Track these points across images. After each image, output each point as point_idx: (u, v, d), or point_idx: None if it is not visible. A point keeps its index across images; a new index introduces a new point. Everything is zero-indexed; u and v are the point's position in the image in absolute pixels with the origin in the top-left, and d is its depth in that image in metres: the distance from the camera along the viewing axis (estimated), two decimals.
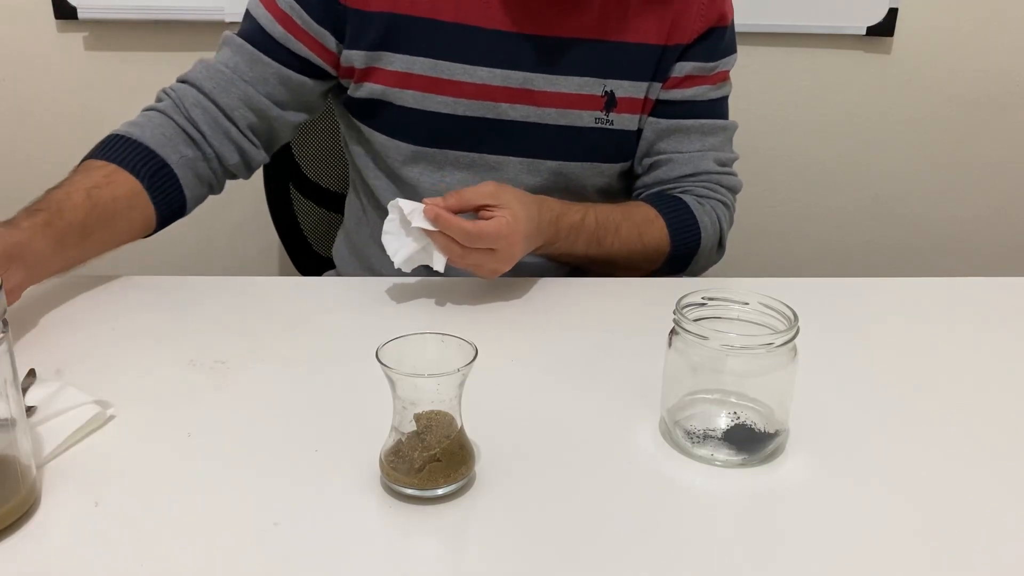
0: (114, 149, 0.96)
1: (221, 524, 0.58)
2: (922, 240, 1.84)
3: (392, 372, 0.59)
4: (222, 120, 1.01)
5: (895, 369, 0.82)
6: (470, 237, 0.88)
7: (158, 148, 0.97)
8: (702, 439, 0.66)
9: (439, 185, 1.06)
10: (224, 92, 1.01)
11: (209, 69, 1.02)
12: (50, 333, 0.82)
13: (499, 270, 0.92)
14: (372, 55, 1.01)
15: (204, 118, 1.01)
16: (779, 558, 0.57)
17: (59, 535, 0.56)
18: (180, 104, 1.01)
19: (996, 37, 1.68)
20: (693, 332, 0.64)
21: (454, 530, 0.58)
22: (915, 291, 1.02)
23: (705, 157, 1.11)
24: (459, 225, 0.87)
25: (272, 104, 1.03)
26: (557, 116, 1.05)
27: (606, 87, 1.05)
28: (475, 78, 1.02)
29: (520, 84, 1.03)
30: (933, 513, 0.61)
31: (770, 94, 1.71)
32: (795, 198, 1.79)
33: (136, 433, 0.67)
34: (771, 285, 0.99)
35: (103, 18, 1.57)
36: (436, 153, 1.05)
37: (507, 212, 0.90)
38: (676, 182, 1.11)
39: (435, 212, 0.87)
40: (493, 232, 0.89)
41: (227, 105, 1.01)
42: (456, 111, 1.03)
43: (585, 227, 1.01)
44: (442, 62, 1.01)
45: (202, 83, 1.01)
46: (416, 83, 1.02)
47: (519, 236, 0.91)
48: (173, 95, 1.02)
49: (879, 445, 0.69)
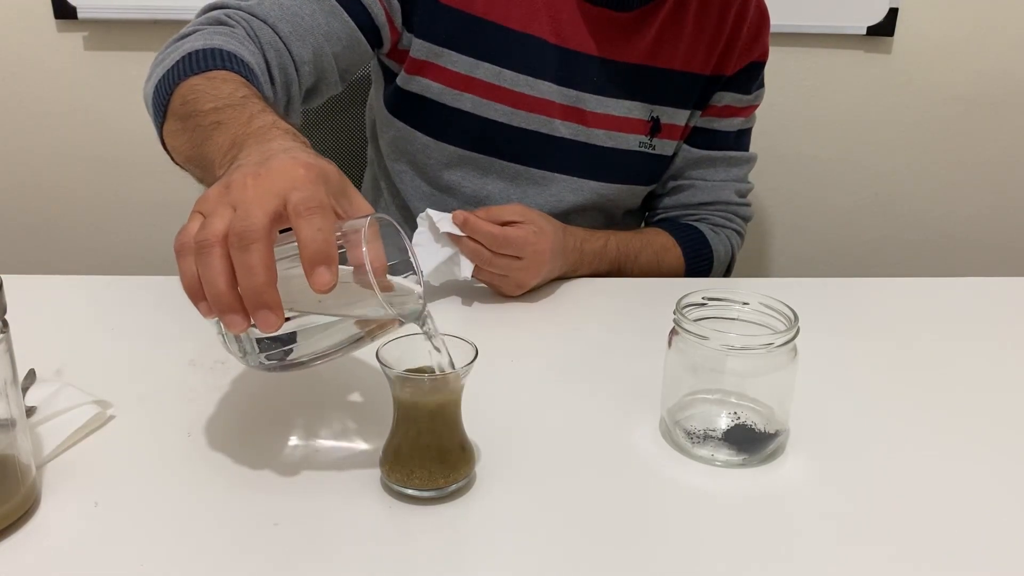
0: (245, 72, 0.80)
1: (221, 524, 0.58)
2: (922, 240, 1.84)
3: (392, 372, 0.59)
4: (291, 71, 0.90)
5: (895, 369, 0.82)
6: (497, 241, 0.87)
7: (259, 75, 0.84)
8: (702, 439, 0.66)
9: (480, 192, 1.06)
10: (300, 40, 0.90)
11: (284, 9, 0.91)
12: (50, 333, 0.82)
13: (524, 283, 0.91)
14: (435, 49, 0.98)
15: (277, 61, 0.89)
16: (779, 558, 0.57)
17: (59, 535, 0.56)
18: (255, 38, 0.88)
19: (996, 37, 1.68)
20: (693, 332, 0.64)
21: (454, 530, 0.58)
22: (915, 291, 1.02)
23: (727, 187, 1.14)
24: (487, 228, 0.87)
25: (335, 68, 0.94)
26: (604, 137, 1.06)
27: (653, 112, 1.07)
28: (536, 91, 1.01)
29: (573, 102, 1.03)
30: (933, 513, 0.61)
31: (770, 94, 1.70)
32: (795, 198, 1.79)
33: (136, 433, 0.67)
34: (771, 285, 0.99)
35: (103, 18, 1.57)
36: (482, 160, 1.04)
37: (534, 226, 0.90)
38: (696, 208, 1.14)
39: (464, 216, 0.86)
40: (520, 238, 0.88)
41: (299, 56, 0.91)
42: (512, 121, 1.02)
43: (607, 253, 1.03)
44: (506, 71, 1.00)
45: (278, 23, 0.90)
46: (478, 87, 1.00)
47: (546, 248, 0.91)
48: (246, 25, 0.89)
49: (879, 445, 0.69)
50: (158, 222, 1.69)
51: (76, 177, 1.67)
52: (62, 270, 0.96)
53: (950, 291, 1.02)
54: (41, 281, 0.92)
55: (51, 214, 1.69)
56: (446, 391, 0.60)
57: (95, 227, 1.71)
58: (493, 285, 0.92)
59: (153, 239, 1.71)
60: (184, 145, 0.74)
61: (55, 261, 1.71)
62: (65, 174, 1.67)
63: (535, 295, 0.95)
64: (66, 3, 1.55)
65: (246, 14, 0.89)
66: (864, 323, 0.92)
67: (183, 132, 0.74)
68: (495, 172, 1.05)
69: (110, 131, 1.64)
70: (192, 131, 0.71)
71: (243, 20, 0.89)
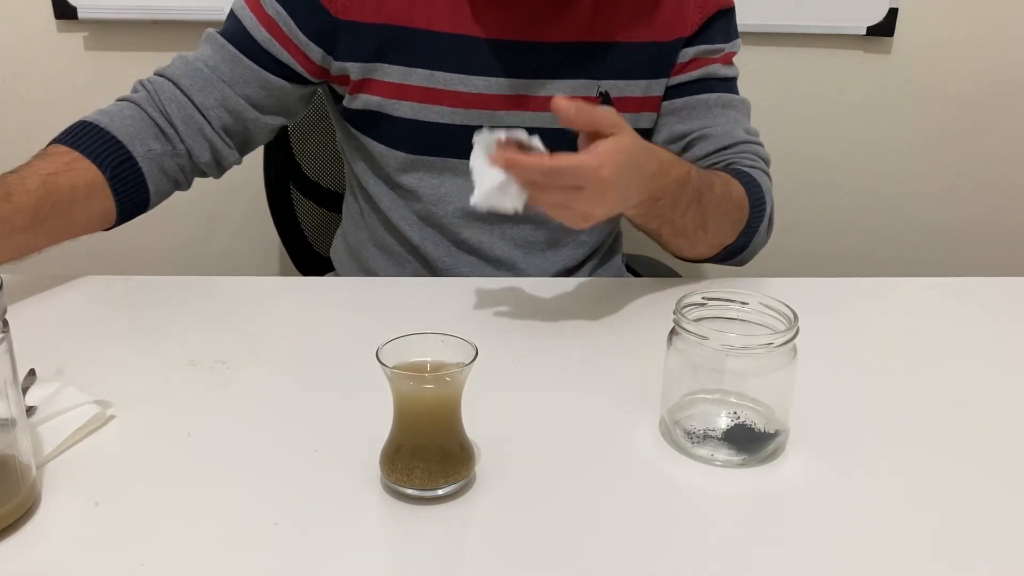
0: (79, 136, 0.95)
1: (221, 524, 0.58)
2: (922, 240, 1.84)
3: (392, 372, 0.59)
4: (197, 117, 1.00)
5: (895, 369, 0.82)
6: (548, 174, 0.79)
7: (125, 139, 0.96)
8: (702, 439, 0.66)
9: (438, 191, 1.06)
10: (201, 91, 1.00)
11: (188, 65, 1.01)
12: (50, 333, 0.82)
13: (591, 215, 0.81)
14: (368, 66, 1.01)
15: (179, 114, 0.99)
16: (779, 558, 0.57)
17: (59, 535, 0.56)
18: (155, 97, 1.00)
19: (996, 37, 1.68)
20: (693, 332, 0.64)
21: (454, 530, 0.58)
22: (915, 291, 1.02)
23: (736, 127, 1.08)
24: (534, 164, 0.77)
25: (249, 107, 1.02)
26: (552, 120, 1.03)
27: (600, 88, 1.05)
28: (471, 87, 1.01)
29: (515, 91, 1.03)
30: (933, 513, 0.61)
31: (770, 94, 1.71)
32: (795, 198, 1.79)
33: (136, 433, 0.67)
34: (771, 285, 0.99)
35: (103, 18, 1.57)
36: (435, 161, 1.05)
37: (609, 144, 0.80)
38: (715, 155, 1.07)
39: (505, 158, 0.78)
40: (576, 166, 0.78)
41: (203, 104, 1.00)
42: (453, 120, 1.02)
43: (691, 181, 0.92)
44: (438, 72, 1.01)
45: (180, 79, 1.00)
46: (412, 94, 1.01)
47: (610, 175, 0.79)
48: (149, 87, 1.01)
49: (879, 445, 0.69)
50: (158, 222, 1.68)
51: None
52: (62, 270, 0.96)
53: (950, 291, 1.02)
54: (41, 281, 0.92)
55: None
56: (446, 390, 0.60)
57: None
58: (554, 216, 0.83)
59: (153, 239, 1.71)
60: None
61: (55, 261, 1.71)
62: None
63: (535, 295, 0.95)
64: (66, 3, 1.55)
65: (155, 76, 1.02)
66: (864, 323, 0.92)
67: None
68: (450, 170, 1.05)
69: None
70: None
71: (149, 84, 1.01)
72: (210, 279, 0.95)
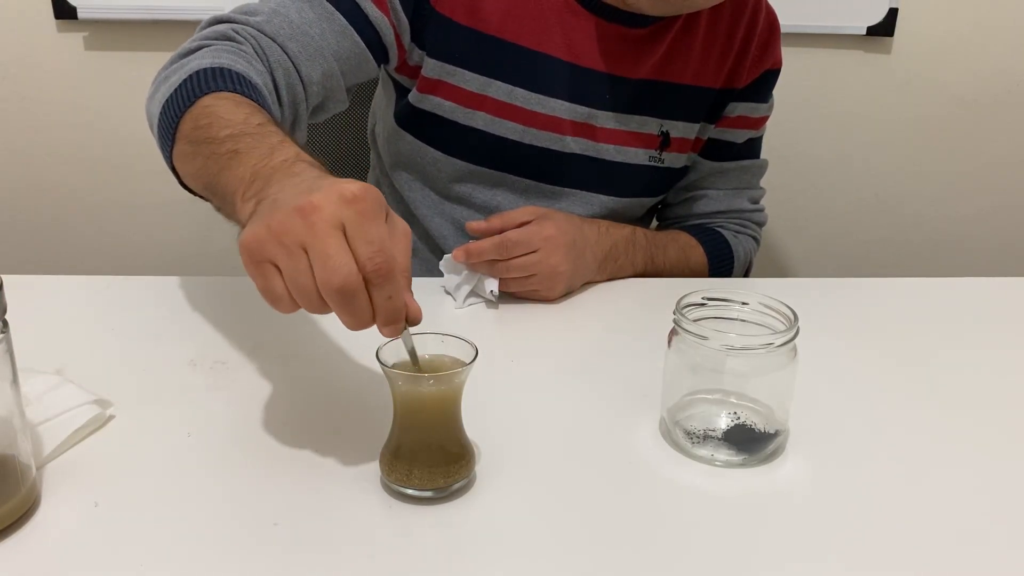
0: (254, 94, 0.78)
1: (221, 524, 0.58)
2: (922, 240, 1.84)
3: (392, 372, 0.59)
4: (299, 91, 0.88)
5: (895, 369, 0.82)
6: (503, 246, 0.88)
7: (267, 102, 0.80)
8: (702, 439, 0.66)
9: (491, 203, 1.06)
10: (310, 61, 0.88)
11: (292, 27, 0.88)
12: (50, 333, 0.82)
13: (553, 276, 0.90)
14: (447, 68, 0.98)
15: (285, 82, 0.87)
16: (780, 558, 0.57)
17: (59, 535, 0.56)
18: (263, 57, 0.85)
19: (996, 37, 1.68)
20: (693, 332, 0.64)
21: (454, 530, 0.58)
22: (915, 291, 1.02)
23: (740, 195, 1.15)
24: (488, 243, 0.88)
25: (343, 86, 0.93)
26: (615, 152, 1.06)
27: (663, 127, 1.07)
28: (547, 109, 1.01)
29: (584, 119, 1.03)
30: (933, 513, 0.61)
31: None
32: (795, 198, 1.79)
33: (136, 433, 0.67)
34: (771, 285, 0.99)
35: (103, 18, 1.57)
36: (492, 174, 1.05)
37: (542, 216, 0.91)
38: (710, 217, 1.15)
39: (463, 251, 0.88)
40: (524, 232, 0.89)
41: (308, 77, 0.89)
42: (523, 139, 1.02)
43: (637, 241, 1.02)
44: (518, 89, 1.00)
45: (287, 43, 0.87)
46: (490, 105, 1.00)
47: (554, 233, 0.90)
48: (254, 42, 0.85)
49: (879, 445, 0.69)
50: (158, 222, 1.69)
51: (76, 177, 1.67)
52: (62, 270, 0.96)
53: (950, 291, 1.02)
54: (41, 281, 0.92)
55: (51, 214, 1.69)
56: (446, 390, 0.60)
57: (95, 227, 1.71)
58: (527, 292, 0.91)
59: (153, 239, 1.71)
60: (197, 171, 0.71)
61: (55, 261, 1.71)
62: (65, 174, 1.66)
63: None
64: (66, 3, 1.55)
65: (254, 30, 0.86)
66: (864, 323, 0.92)
67: (195, 157, 0.71)
68: (506, 185, 1.06)
69: (110, 131, 1.64)
70: (206, 158, 0.68)
71: (251, 37, 0.86)
72: (210, 279, 0.95)
